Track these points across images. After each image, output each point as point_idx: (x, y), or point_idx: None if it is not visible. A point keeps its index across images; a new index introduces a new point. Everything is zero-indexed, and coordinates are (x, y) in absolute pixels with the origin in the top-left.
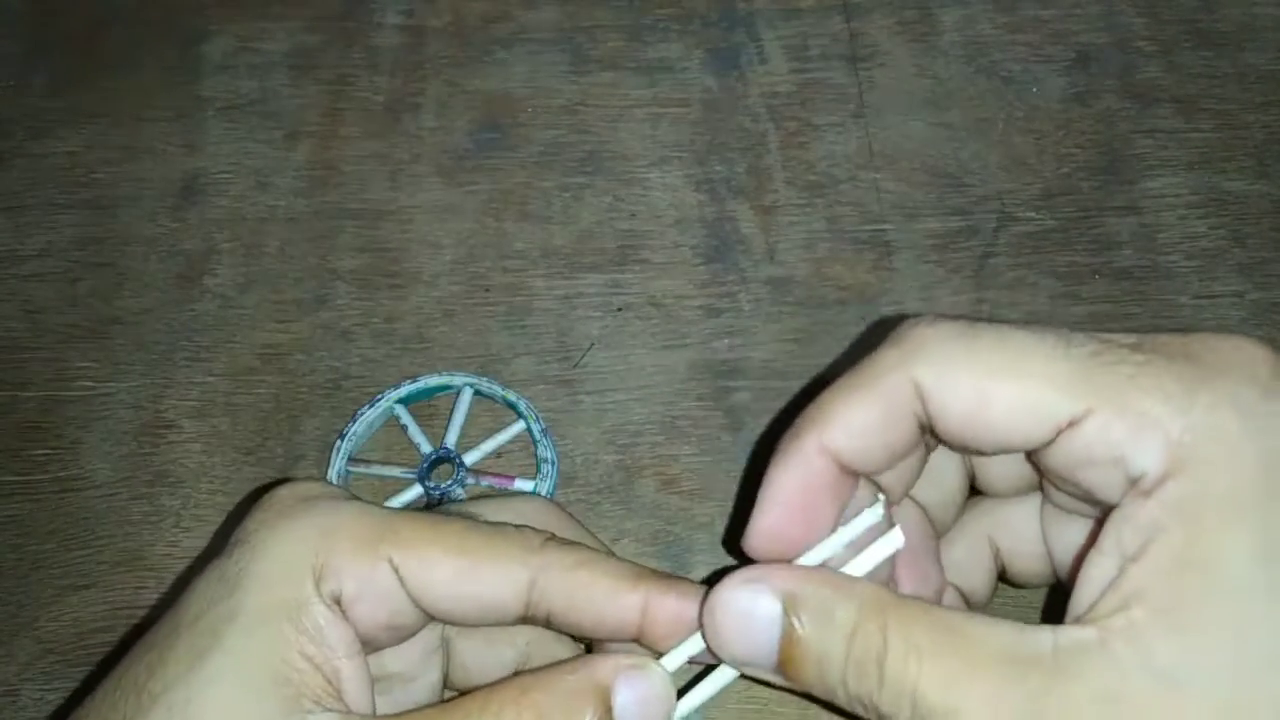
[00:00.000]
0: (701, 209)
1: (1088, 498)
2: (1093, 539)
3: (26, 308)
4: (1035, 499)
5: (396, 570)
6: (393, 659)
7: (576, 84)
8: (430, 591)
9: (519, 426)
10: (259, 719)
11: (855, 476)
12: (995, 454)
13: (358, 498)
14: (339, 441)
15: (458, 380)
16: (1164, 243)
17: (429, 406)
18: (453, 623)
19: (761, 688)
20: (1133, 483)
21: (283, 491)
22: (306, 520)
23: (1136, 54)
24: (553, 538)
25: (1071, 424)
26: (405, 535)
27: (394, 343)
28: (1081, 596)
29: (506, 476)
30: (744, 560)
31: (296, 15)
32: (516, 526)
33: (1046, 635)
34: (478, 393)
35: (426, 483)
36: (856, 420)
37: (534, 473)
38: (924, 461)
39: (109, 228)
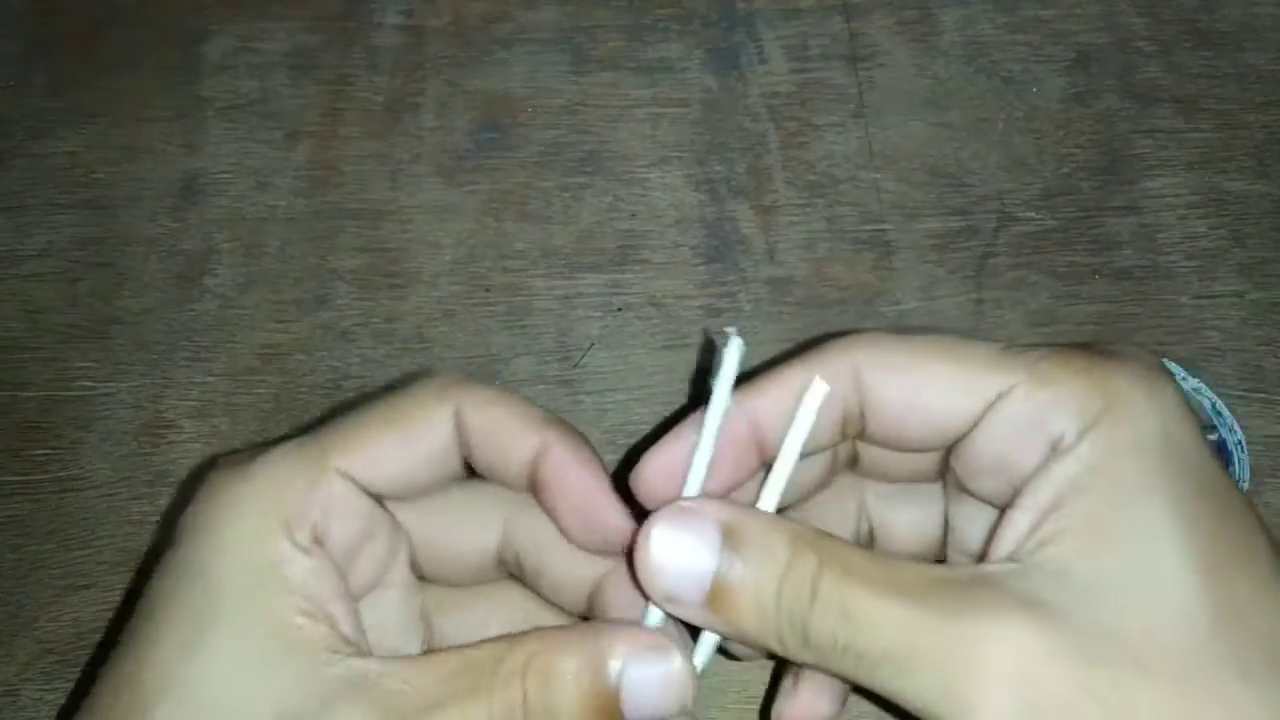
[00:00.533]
0: (701, 209)
1: (1007, 479)
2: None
3: (26, 308)
4: (925, 488)
5: (349, 476)
6: (373, 633)
7: (576, 84)
8: (381, 475)
9: None
10: (279, 684)
11: (760, 459)
12: (921, 444)
13: (286, 438)
14: None
15: None
16: (1164, 243)
17: None
18: (414, 495)
19: (761, 689)
20: (1053, 446)
21: (214, 475)
22: (249, 485)
23: (1136, 54)
24: (468, 378)
25: (999, 398)
26: (338, 442)
27: (394, 343)
28: (1000, 546)
29: None
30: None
31: (296, 15)
32: (426, 375)
33: (968, 568)
34: None
35: None
36: (785, 389)
37: None
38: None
39: (109, 228)
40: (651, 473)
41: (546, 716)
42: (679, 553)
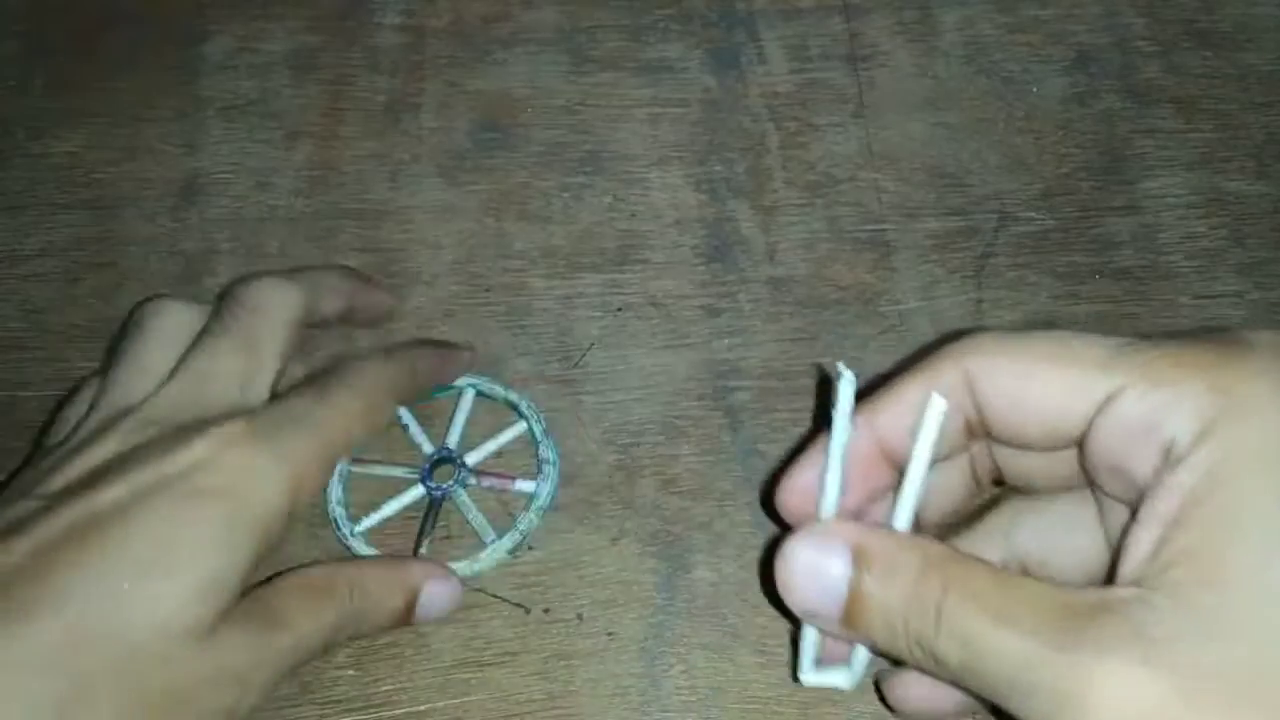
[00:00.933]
0: (701, 209)
1: (1129, 483)
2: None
3: (26, 308)
4: (1071, 499)
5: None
6: None
7: (576, 84)
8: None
9: (520, 427)
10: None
11: (893, 469)
12: (1041, 443)
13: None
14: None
15: (459, 381)
16: (1164, 243)
17: (429, 406)
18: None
19: (761, 689)
20: (1167, 452)
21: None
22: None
23: (1136, 54)
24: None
25: (1109, 399)
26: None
27: None
28: (1124, 569)
29: (507, 476)
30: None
31: (296, 15)
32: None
33: (1093, 591)
34: (479, 393)
35: (428, 483)
36: (905, 403)
37: (535, 473)
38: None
39: (109, 228)
40: (789, 494)
41: (362, 620)
42: (813, 572)
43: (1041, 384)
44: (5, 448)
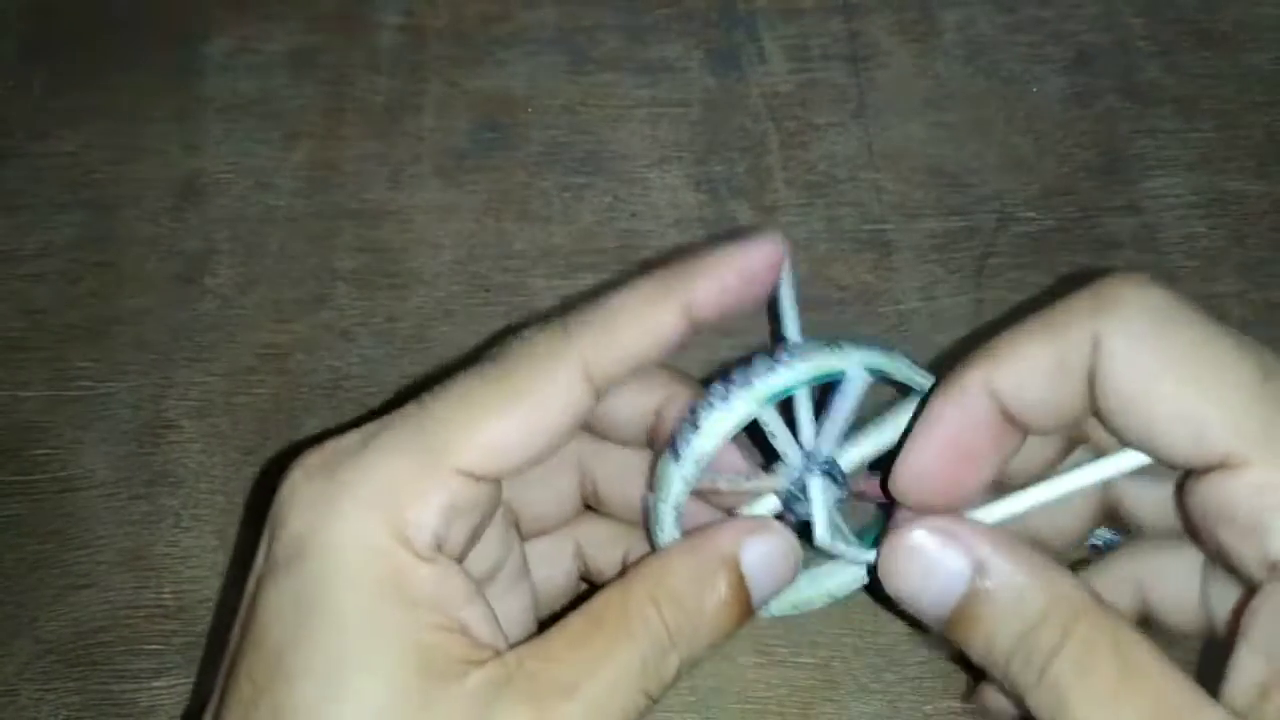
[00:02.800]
0: (701, 209)
1: (1225, 561)
2: (1239, 612)
3: (26, 308)
4: (1192, 550)
5: (470, 473)
6: (500, 614)
7: (576, 84)
8: (505, 462)
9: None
10: (418, 709)
11: (1019, 433)
12: (1140, 450)
13: (361, 420)
14: (672, 463)
15: (850, 359)
16: (1164, 243)
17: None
18: (530, 470)
19: (761, 689)
20: (1271, 566)
21: (305, 479)
22: (348, 493)
23: (1136, 54)
24: (568, 319)
25: (1225, 466)
26: (458, 434)
27: (394, 343)
28: (1235, 692)
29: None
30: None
31: (296, 15)
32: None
33: (1200, 702)
34: (878, 376)
35: (795, 507)
36: (1027, 362)
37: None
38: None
39: (109, 228)
40: (909, 478)
41: (692, 633)
42: (927, 571)
43: (1165, 399)
44: (5, 448)
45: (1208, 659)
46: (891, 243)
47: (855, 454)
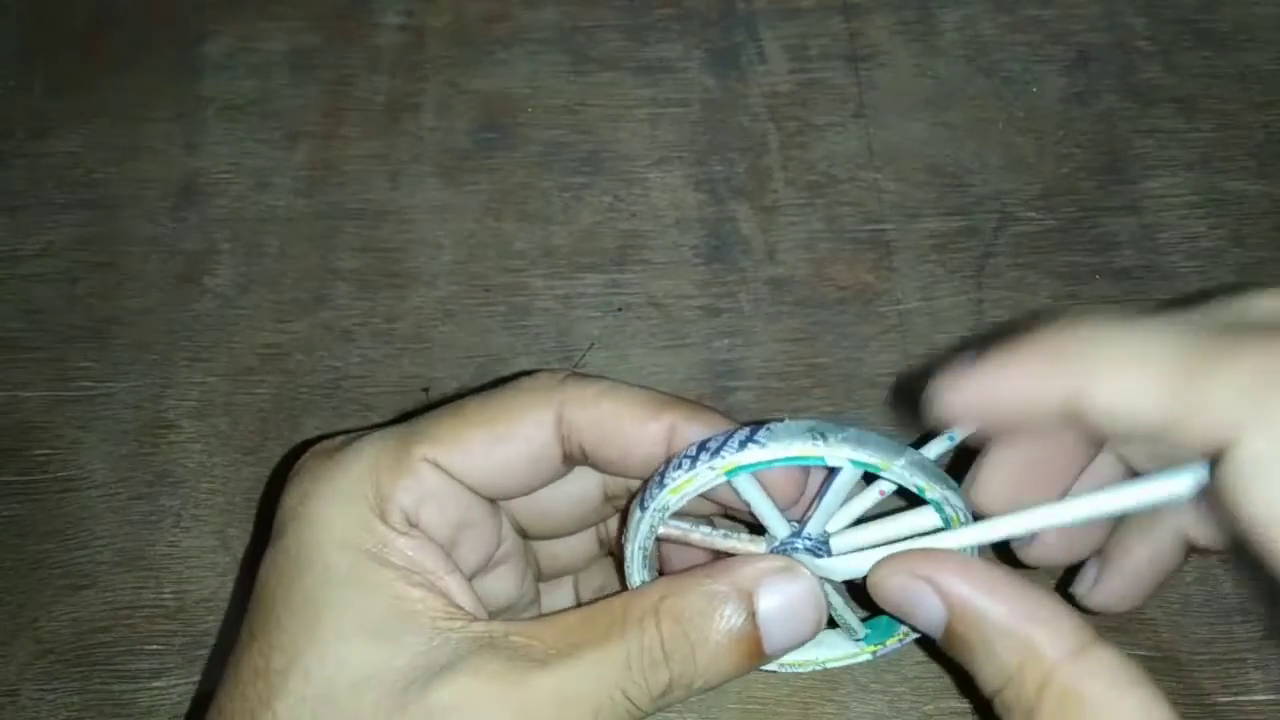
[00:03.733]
0: (701, 209)
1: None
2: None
3: (26, 308)
4: None
5: (437, 464)
6: (490, 605)
7: (576, 84)
8: (475, 468)
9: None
10: (403, 649)
11: (1089, 444)
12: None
13: (378, 425)
14: (639, 510)
15: (834, 451)
16: (1164, 243)
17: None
18: (511, 495)
19: (761, 689)
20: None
21: (308, 462)
22: (342, 473)
23: (1136, 54)
24: (573, 373)
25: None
26: (430, 431)
27: (394, 343)
28: None
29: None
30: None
31: (296, 15)
32: (532, 372)
33: None
34: (866, 472)
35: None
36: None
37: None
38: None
39: (109, 228)
40: (956, 390)
41: (689, 655)
42: (910, 609)
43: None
44: (5, 448)
45: None
46: (891, 243)
47: (853, 539)
